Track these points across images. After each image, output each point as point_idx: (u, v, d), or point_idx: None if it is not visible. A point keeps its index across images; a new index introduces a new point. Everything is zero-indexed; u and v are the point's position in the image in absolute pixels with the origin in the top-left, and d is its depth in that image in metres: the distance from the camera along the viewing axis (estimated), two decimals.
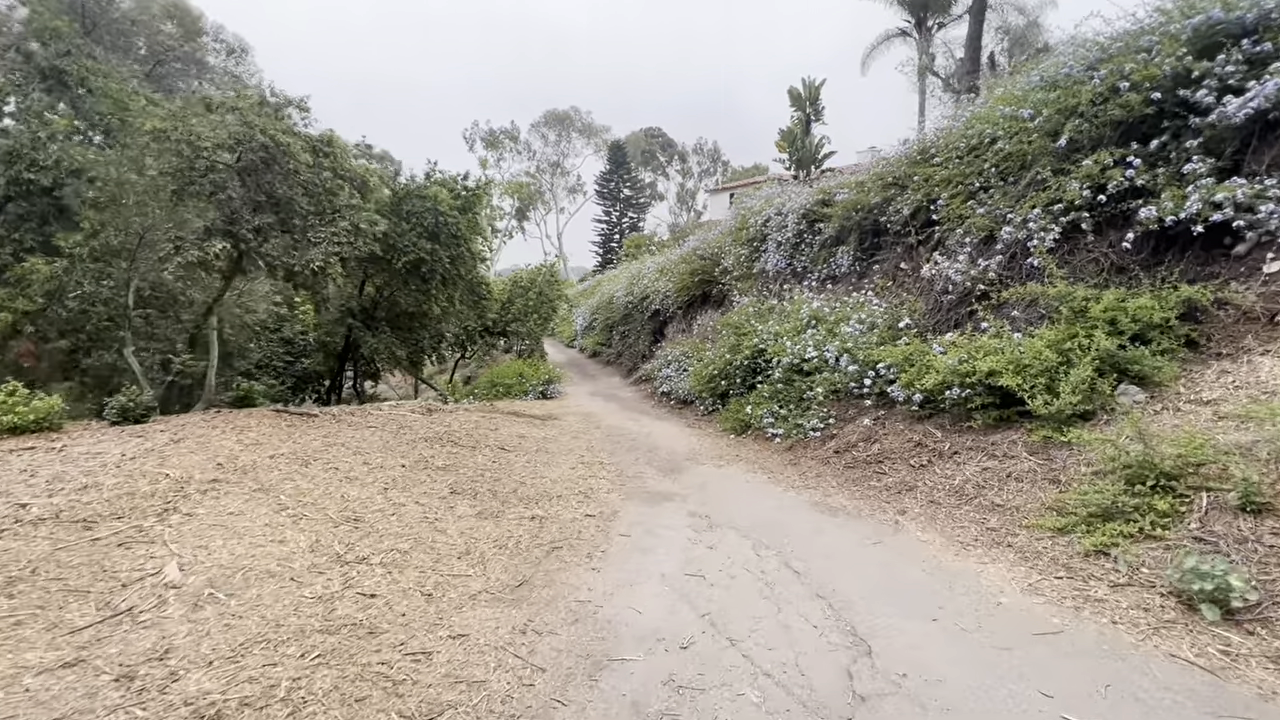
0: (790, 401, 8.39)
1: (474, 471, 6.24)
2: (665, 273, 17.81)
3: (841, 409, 7.65)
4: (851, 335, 7.91)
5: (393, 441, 7.01)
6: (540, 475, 6.49)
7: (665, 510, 5.35)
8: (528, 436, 8.82)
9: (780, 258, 12.10)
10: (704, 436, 9.30)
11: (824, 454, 6.94)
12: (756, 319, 10.37)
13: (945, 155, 8.53)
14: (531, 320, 19.08)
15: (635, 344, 19.05)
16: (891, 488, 5.53)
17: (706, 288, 14.98)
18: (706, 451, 8.17)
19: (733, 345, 10.33)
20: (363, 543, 3.86)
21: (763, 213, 12.99)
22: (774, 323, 9.85)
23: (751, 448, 8.10)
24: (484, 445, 7.72)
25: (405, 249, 13.39)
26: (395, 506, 4.63)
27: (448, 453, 6.91)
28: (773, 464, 7.14)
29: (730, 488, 6.22)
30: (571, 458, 7.64)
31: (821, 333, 8.69)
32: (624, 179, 49.35)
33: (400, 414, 8.96)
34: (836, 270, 10.69)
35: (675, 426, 10.40)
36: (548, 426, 10.12)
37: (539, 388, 14.86)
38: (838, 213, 10.58)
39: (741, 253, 13.33)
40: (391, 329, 14.58)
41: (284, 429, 6.89)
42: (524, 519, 4.82)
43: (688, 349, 13.64)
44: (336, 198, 7.84)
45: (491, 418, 10.17)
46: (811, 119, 22.41)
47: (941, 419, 6.24)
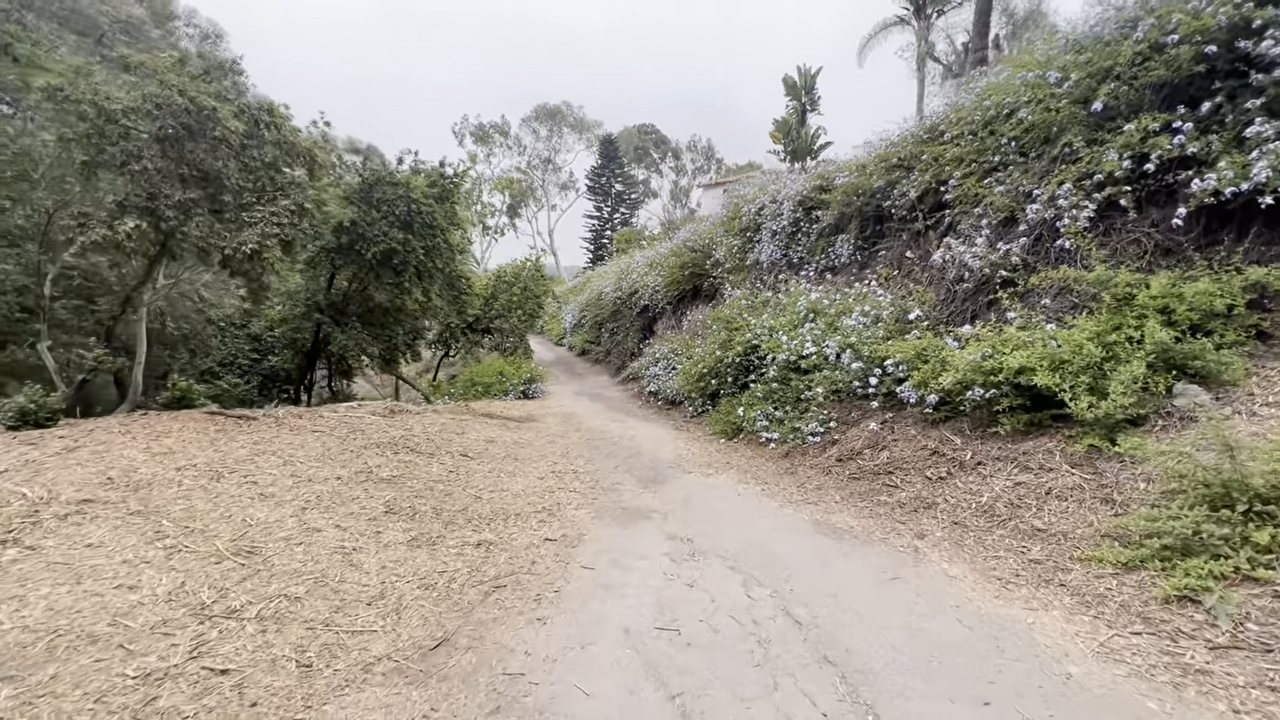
0: (786, 402, 7.59)
1: (423, 484, 5.40)
2: (655, 267, 17.00)
3: (844, 411, 6.85)
4: (854, 329, 7.11)
5: (336, 448, 6.16)
6: (501, 488, 5.66)
7: (641, 532, 4.53)
8: (497, 441, 7.98)
9: (775, 248, 11.31)
10: (692, 440, 8.49)
11: (825, 462, 6.14)
12: (749, 313, 9.57)
13: (957, 131, 7.75)
14: (515, 316, 18.22)
15: (624, 341, 18.23)
16: (906, 504, 4.73)
17: (697, 281, 14.18)
18: (694, 458, 7.36)
19: (724, 341, 9.52)
20: (244, 586, 3.03)
21: (756, 201, 12.20)
22: (768, 316, 9.05)
23: (744, 454, 7.30)
24: (444, 451, 6.88)
25: (375, 239, 12.52)
26: (308, 533, 3.79)
27: (398, 461, 6.07)
28: (767, 473, 6.34)
29: (718, 503, 5.41)
30: (542, 465, 6.81)
31: (821, 327, 7.89)
32: (616, 174, 48.44)
33: (358, 416, 8.11)
34: (836, 260, 9.90)
35: (662, 429, 9.59)
36: (523, 429, 9.28)
37: (520, 387, 14.02)
38: (837, 198, 9.79)
39: (734, 244, 12.53)
40: (363, 325, 13.70)
41: (210, 435, 6.03)
42: (467, 546, 3.99)
43: (677, 346, 12.83)
44: (280, 174, 6.99)
45: (461, 420, 9.33)
46: (807, 108, 21.66)
47: (960, 423, 5.45)
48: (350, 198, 12.79)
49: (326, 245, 12.60)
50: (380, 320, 14.12)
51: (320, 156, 7.54)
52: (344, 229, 12.46)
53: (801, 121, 21.22)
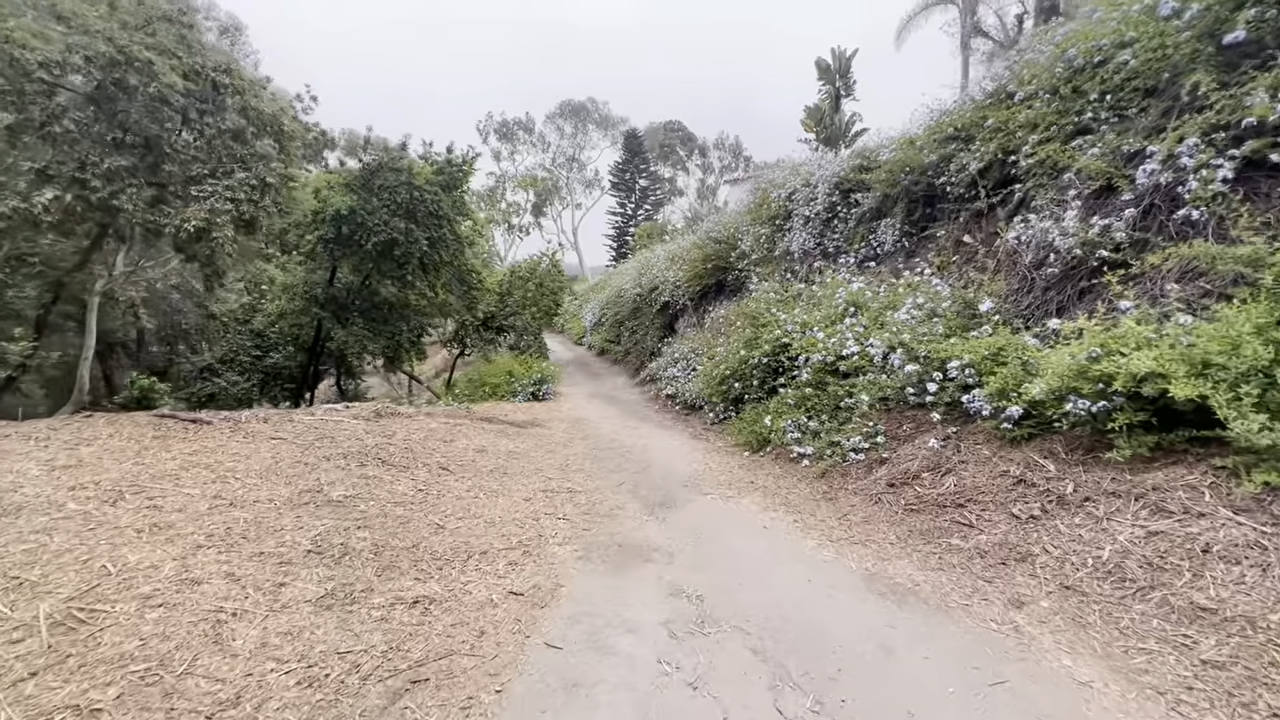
0: (822, 411, 6.44)
1: (378, 508, 4.43)
2: (676, 260, 15.91)
3: (893, 422, 5.69)
4: (906, 325, 5.93)
5: (289, 460, 5.25)
6: (475, 513, 4.66)
7: (636, 584, 3.48)
8: (489, 450, 7.01)
9: (808, 236, 10.13)
10: (711, 452, 7.40)
11: (872, 486, 4.99)
12: (779, 307, 8.43)
13: (1030, 91, 6.51)
14: (528, 313, 17.33)
15: (643, 340, 17.17)
16: (988, 552, 3.57)
17: (721, 275, 13.05)
18: (712, 474, 6.28)
19: (749, 339, 8.40)
20: (27, 687, 2.07)
21: (787, 185, 11.03)
22: (801, 311, 7.90)
23: (771, 471, 6.18)
24: (420, 464, 5.92)
25: (375, 228, 11.71)
26: (183, 586, 2.84)
27: (360, 477, 5.12)
28: (800, 497, 5.22)
29: (739, 538, 4.32)
30: (533, 483, 5.81)
31: (863, 322, 6.73)
32: (640, 169, 47.40)
33: (335, 420, 7.22)
34: (878, 248, 8.70)
35: (678, 438, 8.51)
36: (522, 436, 8.30)
37: (529, 388, 13.07)
38: (881, 177, 8.59)
39: (761, 232, 11.38)
40: (365, 320, 12.93)
41: (144, 443, 5.17)
42: (400, 605, 2.99)
43: (697, 345, 11.73)
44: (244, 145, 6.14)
45: (455, 425, 8.39)
46: (841, 93, 20.32)
47: (1050, 443, 4.26)
48: (350, 184, 12.02)
49: (325, 236, 11.85)
50: (383, 316, 13.33)
51: (288, 125, 6.68)
52: (342, 218, 11.69)
53: (835, 107, 19.89)
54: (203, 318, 14.11)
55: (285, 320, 12.90)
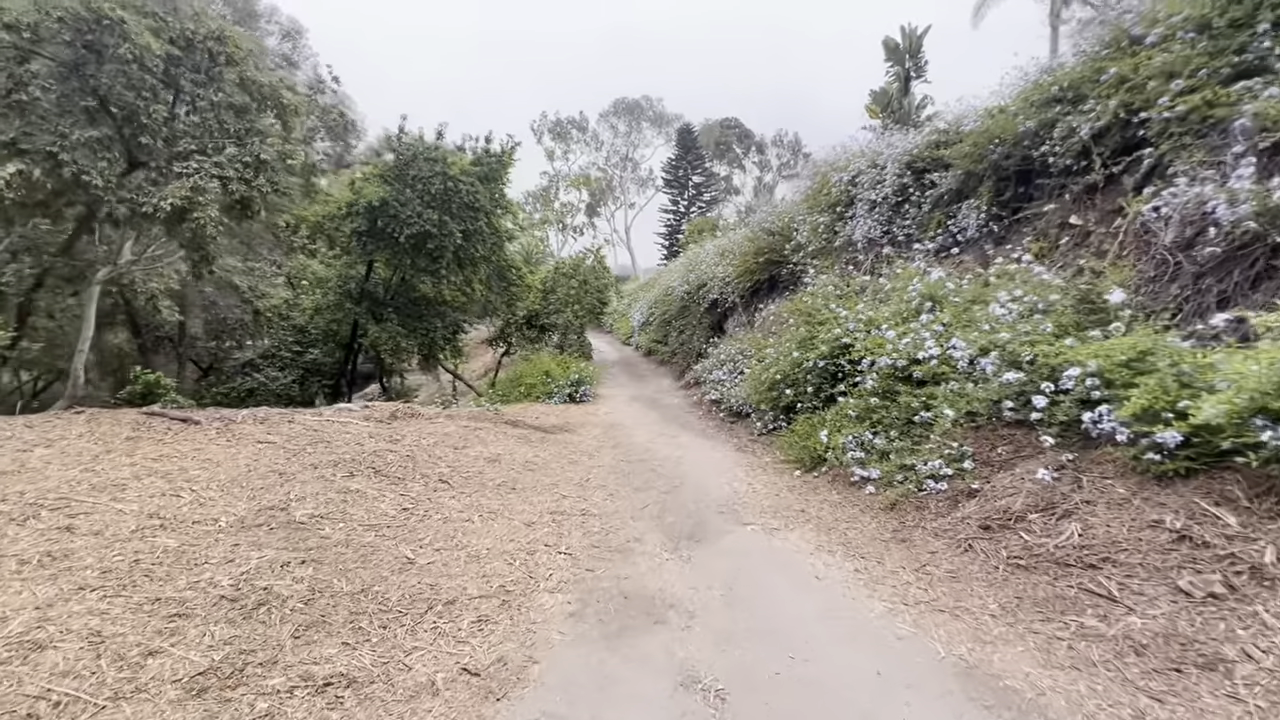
0: (891, 426, 5.34)
1: (343, 534, 3.70)
2: (725, 255, 14.84)
3: (983, 444, 4.54)
4: (1003, 322, 4.77)
5: (265, 469, 4.62)
6: (458, 543, 3.86)
7: (636, 666, 2.57)
8: (503, 460, 6.25)
9: (873, 223, 8.93)
10: (756, 469, 6.39)
11: (959, 527, 3.89)
12: (838, 302, 7.32)
13: (1170, 29, 5.21)
14: (570, 311, 16.66)
15: (690, 341, 16.18)
16: (1147, 646, 2.46)
17: (774, 270, 11.92)
18: (755, 497, 5.30)
19: (803, 339, 7.32)
20: None
21: (849, 168, 9.83)
22: (865, 307, 6.78)
23: (827, 496, 5.14)
24: (417, 475, 5.21)
25: (408, 220, 11.26)
26: (18, 651, 2.14)
27: (339, 491, 4.43)
28: (863, 536, 4.17)
29: (782, 593, 3.34)
30: (543, 501, 4.99)
31: (945, 319, 5.57)
32: (693, 165, 46.26)
33: (341, 422, 6.64)
34: (959, 234, 7.44)
35: (720, 449, 7.53)
36: (546, 444, 7.53)
37: (566, 389, 12.34)
38: (964, 151, 7.34)
39: (820, 221, 10.21)
40: (399, 316, 12.54)
41: (113, 444, 4.67)
42: (300, 691, 2.19)
43: (746, 346, 10.68)
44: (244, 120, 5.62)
45: (476, 429, 7.71)
46: (911, 75, 18.69)
47: (1222, 483, 3.07)
48: (385, 175, 11.63)
49: (358, 228, 11.50)
50: (418, 313, 12.92)
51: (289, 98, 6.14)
52: (375, 209, 11.29)
53: (905, 90, 18.30)
54: (247, 312, 14.10)
55: (321, 316, 12.67)
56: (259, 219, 6.25)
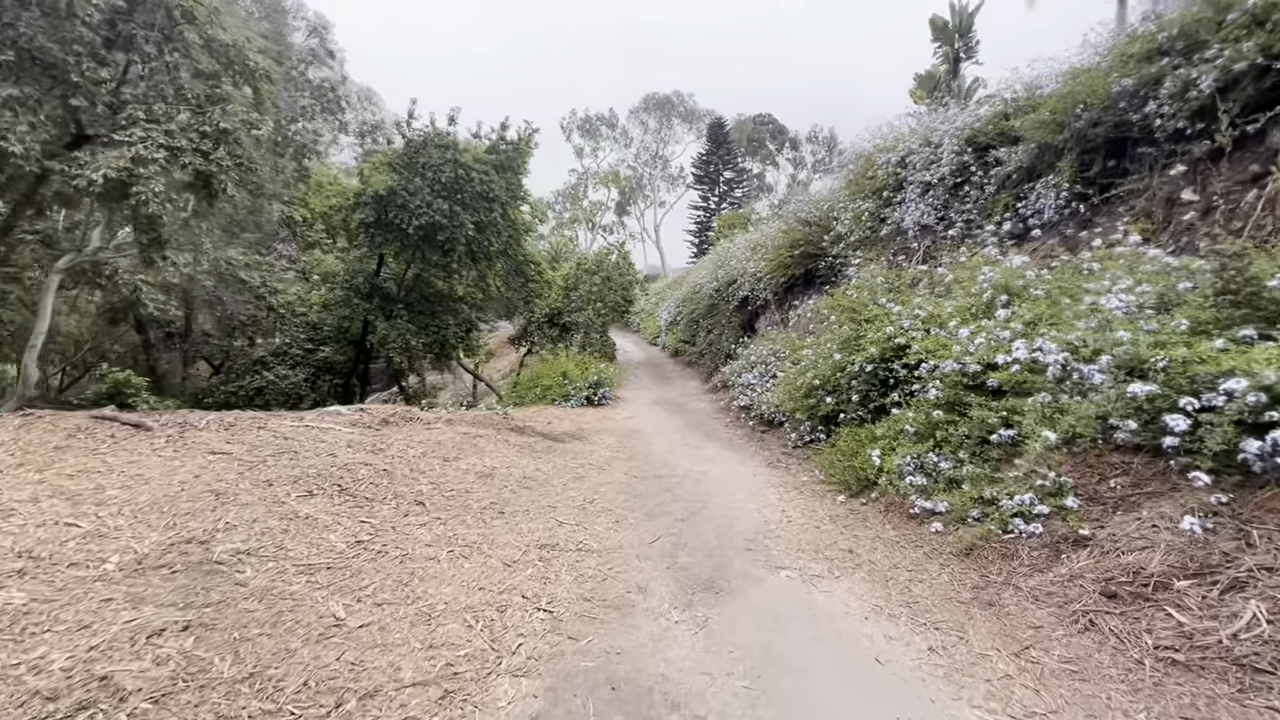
0: (960, 445, 4.34)
1: (265, 581, 2.92)
2: (758, 250, 13.85)
3: (1087, 474, 3.54)
4: (1119, 317, 3.74)
5: (202, 488, 3.89)
6: (411, 593, 3.05)
7: None
8: (498, 475, 5.45)
9: (927, 208, 7.87)
10: (790, 491, 5.45)
11: (1069, 590, 2.91)
12: (889, 296, 6.31)
13: None
14: (592, 309, 15.87)
15: (718, 341, 15.23)
16: None
17: (810, 264, 10.89)
18: (791, 530, 4.37)
19: (846, 340, 6.34)
20: None
21: (898, 147, 8.77)
22: (923, 301, 5.77)
23: (880, 531, 4.18)
24: (390, 495, 4.43)
25: (417, 210, 10.60)
26: None
27: (283, 518, 3.67)
28: (934, 594, 3.21)
29: (832, 687, 2.42)
30: (533, 530, 4.16)
31: (1026, 315, 4.54)
32: (724, 160, 45.01)
33: (320, 428, 5.93)
34: (1032, 217, 6.37)
35: (748, 464, 6.60)
36: (552, 454, 6.72)
37: (584, 392, 11.54)
38: (1042, 119, 6.29)
39: (864, 208, 9.17)
40: (410, 313, 11.91)
41: (31, 455, 4.01)
42: None
43: (779, 347, 9.71)
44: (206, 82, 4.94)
45: (476, 436, 6.94)
46: (961, 56, 17.33)
47: None
48: (393, 163, 11.00)
49: (365, 219, 10.89)
50: (430, 309, 12.27)
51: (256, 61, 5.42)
52: (382, 199, 10.66)
53: (954, 72, 16.95)
54: (260, 308, 13.68)
55: (329, 312, 12.12)
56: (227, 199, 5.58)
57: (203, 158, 4.81)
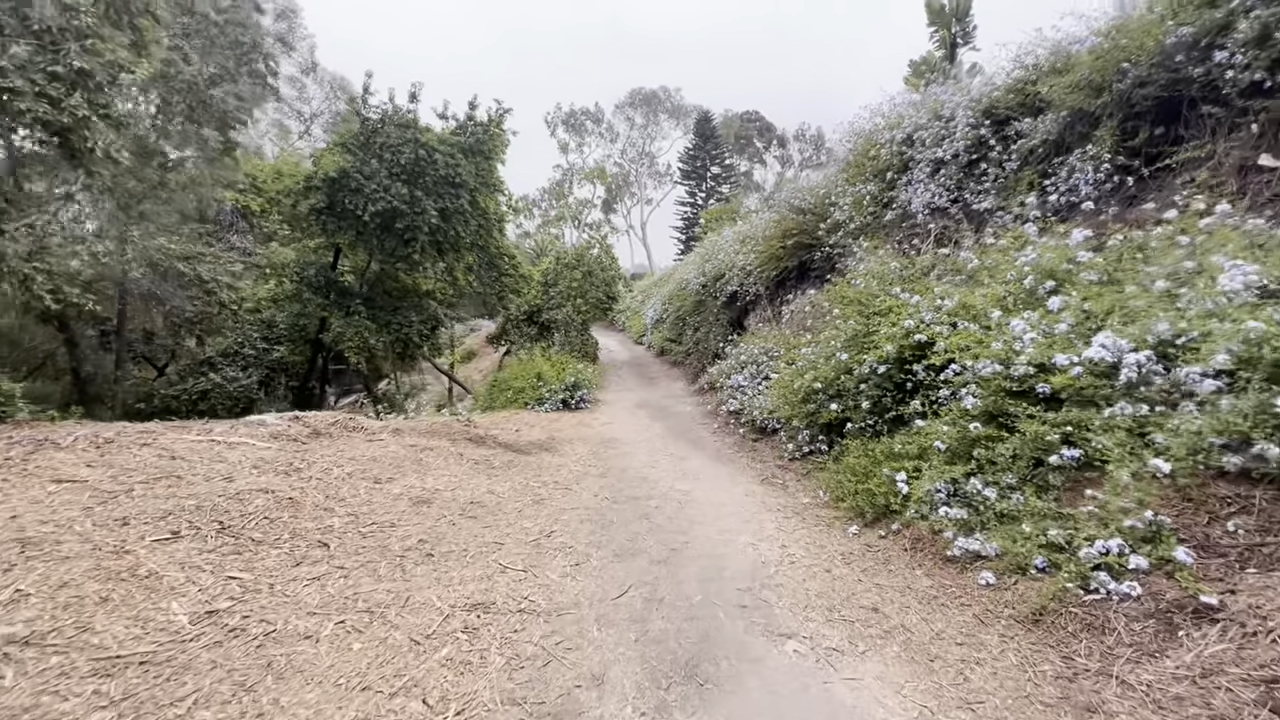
0: (1006, 468, 3.44)
1: (22, 703, 1.94)
2: (747, 242, 12.97)
3: (1189, 511, 2.66)
4: (1235, 302, 2.86)
5: (7, 536, 2.89)
6: (258, 704, 2.08)
7: None
8: (438, 501, 4.50)
9: (938, 190, 7.00)
10: (791, 517, 4.55)
11: (1199, 688, 2.01)
12: (903, 286, 5.42)
13: None
14: (571, 305, 14.91)
15: (706, 339, 14.34)
16: None
17: (804, 255, 10.00)
18: (795, 574, 3.46)
19: (852, 336, 5.44)
20: None
21: (903, 123, 7.91)
22: (946, 290, 4.89)
23: (911, 579, 3.28)
24: (285, 535, 3.46)
25: (373, 195, 9.57)
26: None
27: (113, 576, 2.70)
28: (1002, 688, 2.31)
29: None
30: (464, 583, 3.22)
31: (1079, 306, 3.67)
32: (711, 155, 44.20)
33: (229, 444, 4.93)
34: (1065, 195, 5.50)
35: (740, 481, 5.70)
36: (514, 470, 5.77)
37: (560, 394, 10.58)
38: (1073, 83, 5.44)
39: (865, 192, 8.29)
40: (369, 309, 10.86)
41: None
42: None
43: (771, 344, 8.85)
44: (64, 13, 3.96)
45: (427, 449, 5.98)
46: (959, 41, 16.56)
47: None
48: (347, 144, 9.96)
49: (316, 205, 9.85)
50: (392, 305, 11.24)
51: None
52: (334, 182, 9.63)
53: (951, 57, 16.18)
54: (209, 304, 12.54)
55: (278, 307, 11.05)
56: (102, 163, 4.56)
57: (50, 105, 3.81)
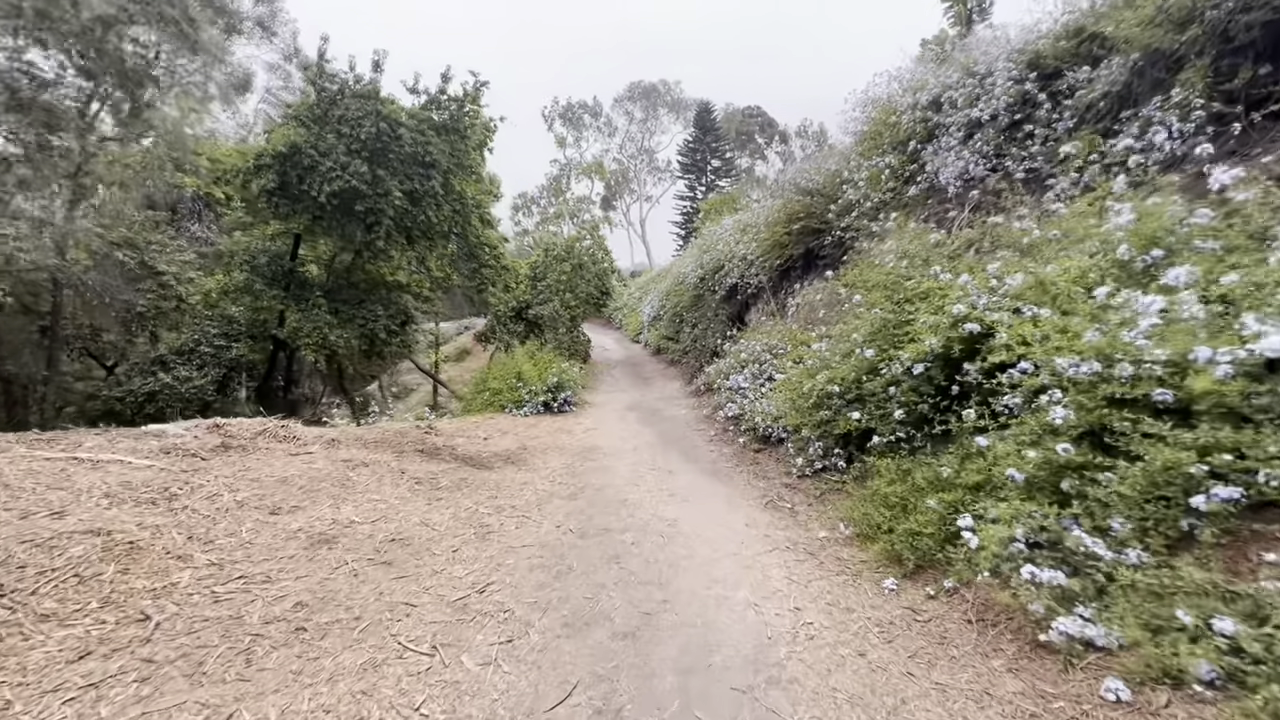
0: (1118, 509, 2.40)
1: None
2: (748, 230, 11.94)
3: None
4: None
5: None
6: None
7: None
8: (347, 539, 3.48)
9: (973, 157, 5.96)
10: (804, 559, 3.52)
11: None
12: (943, 264, 4.35)
13: None
14: (558, 300, 13.88)
15: (704, 337, 13.30)
16: None
17: (812, 241, 8.94)
18: (814, 661, 2.43)
19: (879, 328, 4.39)
20: None
21: (928, 86, 6.87)
22: (1002, 267, 3.83)
23: (990, 679, 2.24)
24: (89, 607, 2.46)
25: (329, 173, 8.53)
26: None
27: None
28: None
29: None
30: (333, 683, 2.17)
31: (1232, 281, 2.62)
32: (712, 148, 43.08)
33: (94, 462, 3.92)
34: (1142, 154, 4.46)
35: (739, 505, 4.66)
36: (464, 492, 4.74)
37: (541, 396, 9.56)
38: (1146, 18, 4.42)
39: (884, 165, 7.25)
40: (330, 302, 9.83)
41: None
42: None
43: (775, 340, 7.83)
44: None
45: (360, 466, 4.96)
46: (974, 17, 15.47)
47: None
48: (301, 117, 8.93)
49: (267, 185, 8.82)
50: (356, 298, 10.20)
51: None
52: (285, 158, 8.60)
53: (967, 33, 15.06)
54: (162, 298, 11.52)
55: (227, 299, 10.02)
56: None
57: None
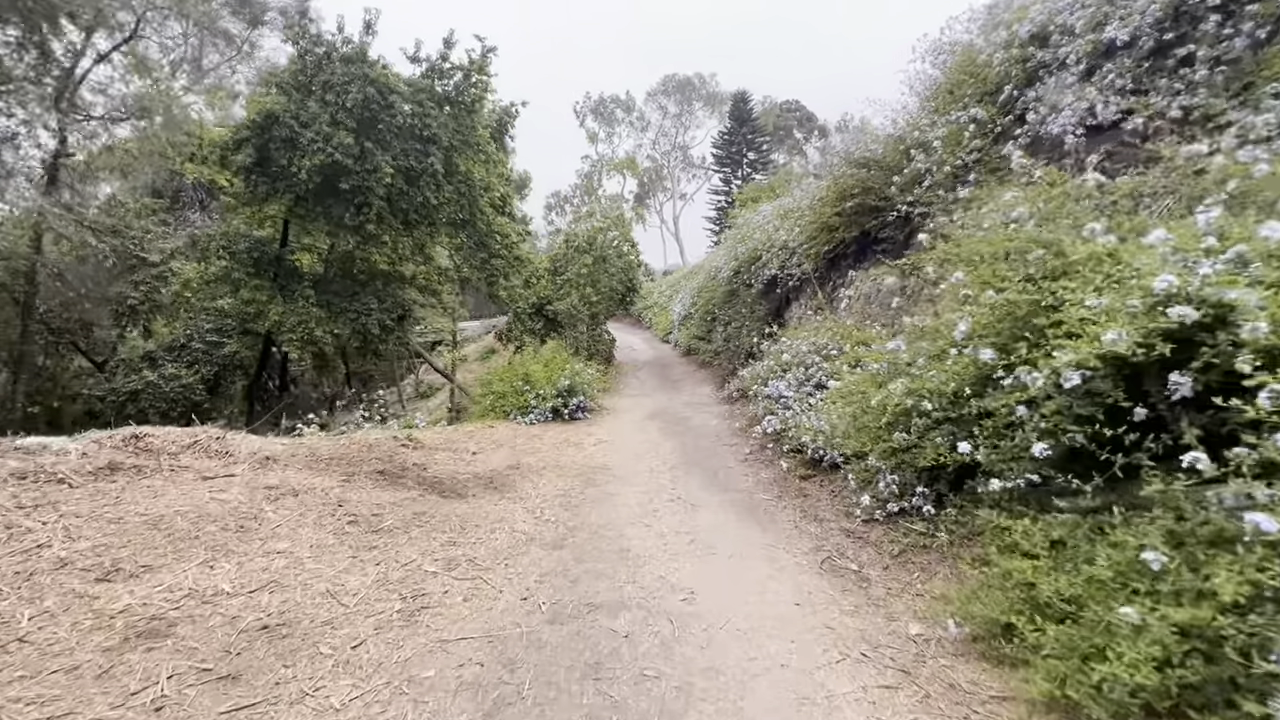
0: None
1: None
2: (789, 216, 10.53)
3: None
4: None
5: None
6: None
7: None
8: (185, 626, 2.31)
9: (1100, 96, 4.46)
10: (900, 680, 2.16)
11: None
12: (1105, 221, 2.91)
13: None
14: (576, 295, 12.68)
15: (738, 335, 11.90)
16: None
17: (868, 220, 7.47)
18: None
19: (1000, 315, 2.99)
20: None
21: (1030, 14, 5.38)
22: (1221, 221, 2.40)
23: None
24: None
25: (310, 145, 7.50)
26: None
27: None
28: None
29: None
30: None
31: None
32: (748, 141, 41.37)
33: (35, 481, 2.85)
34: None
35: (787, 563, 3.33)
36: (409, 535, 3.57)
37: (551, 401, 8.37)
38: None
39: (968, 119, 5.78)
40: (320, 293, 8.83)
41: None
42: None
43: (825, 338, 6.45)
44: None
45: (288, 493, 3.86)
46: None
47: None
48: (281, 84, 7.93)
49: (245, 163, 7.85)
50: (348, 290, 9.19)
51: None
52: (262, 128, 7.60)
53: None
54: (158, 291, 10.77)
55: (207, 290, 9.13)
56: None
57: None
